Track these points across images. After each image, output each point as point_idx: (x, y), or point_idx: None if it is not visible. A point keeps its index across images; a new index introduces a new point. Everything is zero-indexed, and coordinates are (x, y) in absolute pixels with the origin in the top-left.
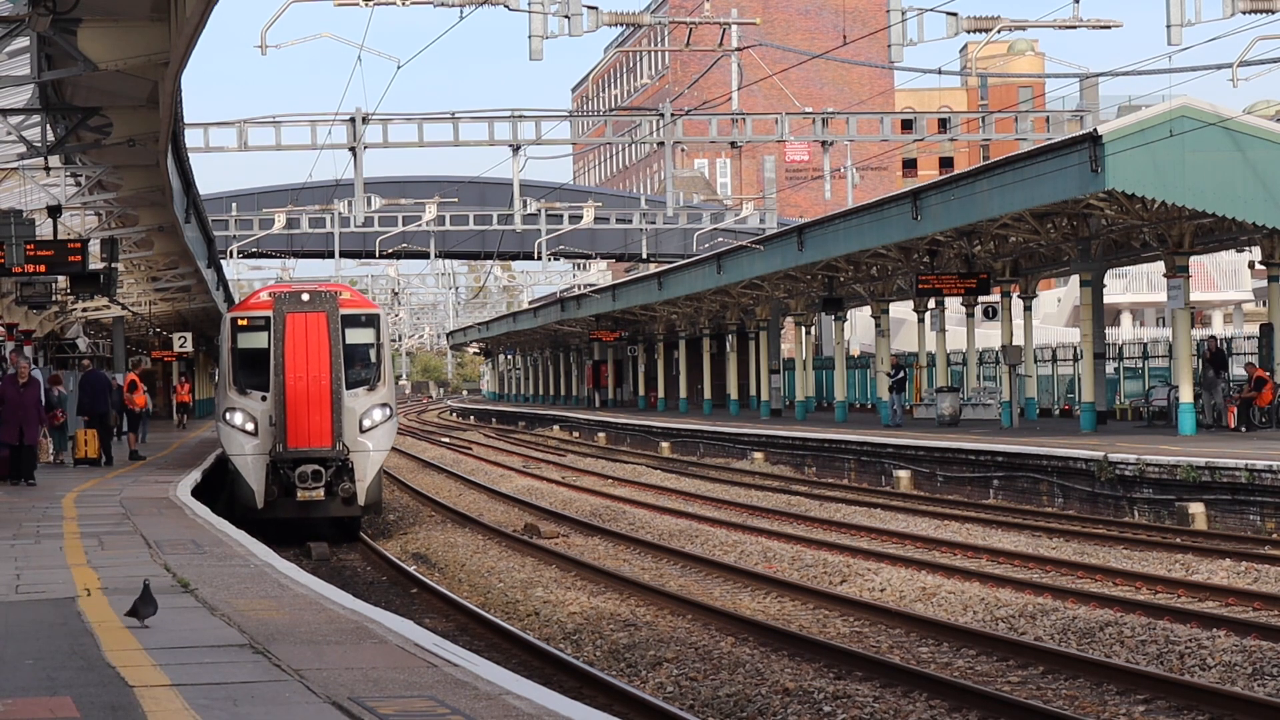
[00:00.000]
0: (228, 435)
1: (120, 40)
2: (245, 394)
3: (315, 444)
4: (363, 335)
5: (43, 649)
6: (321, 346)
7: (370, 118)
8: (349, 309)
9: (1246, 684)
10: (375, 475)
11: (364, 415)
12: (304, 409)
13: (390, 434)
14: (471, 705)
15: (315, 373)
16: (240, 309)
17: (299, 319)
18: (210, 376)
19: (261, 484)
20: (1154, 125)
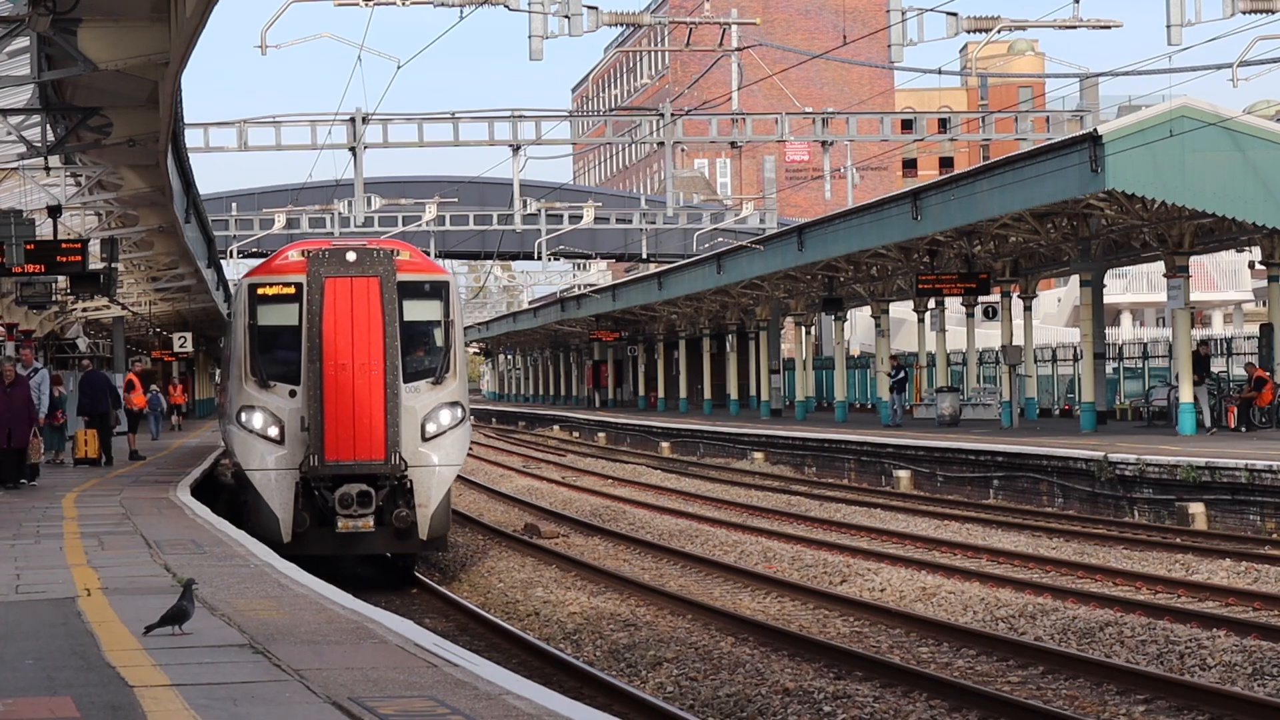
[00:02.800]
0: (243, 443)
1: (120, 40)
2: (268, 388)
3: (363, 456)
4: (427, 309)
5: (43, 649)
6: (373, 323)
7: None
8: (410, 273)
9: (1246, 684)
10: (442, 499)
11: (428, 418)
12: (348, 409)
13: (462, 444)
14: (471, 705)
15: (364, 359)
16: (262, 272)
17: (343, 286)
18: (210, 376)
19: (289, 510)
20: (1154, 125)
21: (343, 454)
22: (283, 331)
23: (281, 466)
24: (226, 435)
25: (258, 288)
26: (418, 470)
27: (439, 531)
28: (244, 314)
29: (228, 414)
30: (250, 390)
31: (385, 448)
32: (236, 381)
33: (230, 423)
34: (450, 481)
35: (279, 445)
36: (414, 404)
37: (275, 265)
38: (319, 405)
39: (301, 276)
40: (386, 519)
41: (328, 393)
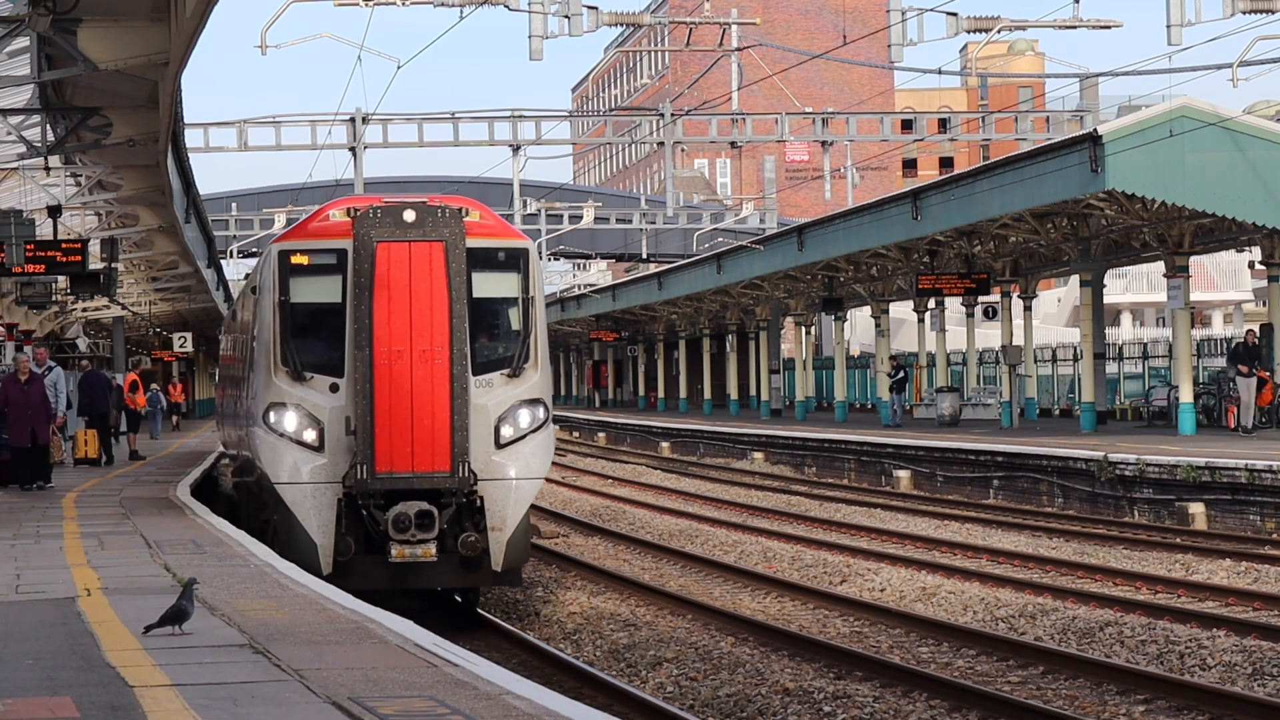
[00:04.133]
0: (271, 451)
1: (120, 40)
2: (303, 381)
3: (423, 467)
4: (502, 283)
5: (43, 649)
6: (435, 300)
7: (370, 118)
8: (482, 238)
9: (1246, 684)
10: (520, 522)
11: (503, 419)
12: (405, 407)
13: (545, 452)
14: (471, 705)
15: (425, 345)
16: (296, 235)
17: (398, 253)
18: (210, 376)
19: (329, 535)
20: (1154, 125)
21: (398, 464)
22: (322, 310)
23: (320, 479)
24: (248, 439)
25: (291, 255)
26: (490, 485)
27: (515, 561)
28: (273, 288)
29: (249, 413)
30: (281, 384)
31: (451, 456)
32: (263, 373)
33: (253, 424)
34: (530, 499)
35: (317, 453)
36: (485, 402)
37: (313, 227)
38: (368, 402)
39: (346, 241)
40: (450, 545)
41: (379, 387)
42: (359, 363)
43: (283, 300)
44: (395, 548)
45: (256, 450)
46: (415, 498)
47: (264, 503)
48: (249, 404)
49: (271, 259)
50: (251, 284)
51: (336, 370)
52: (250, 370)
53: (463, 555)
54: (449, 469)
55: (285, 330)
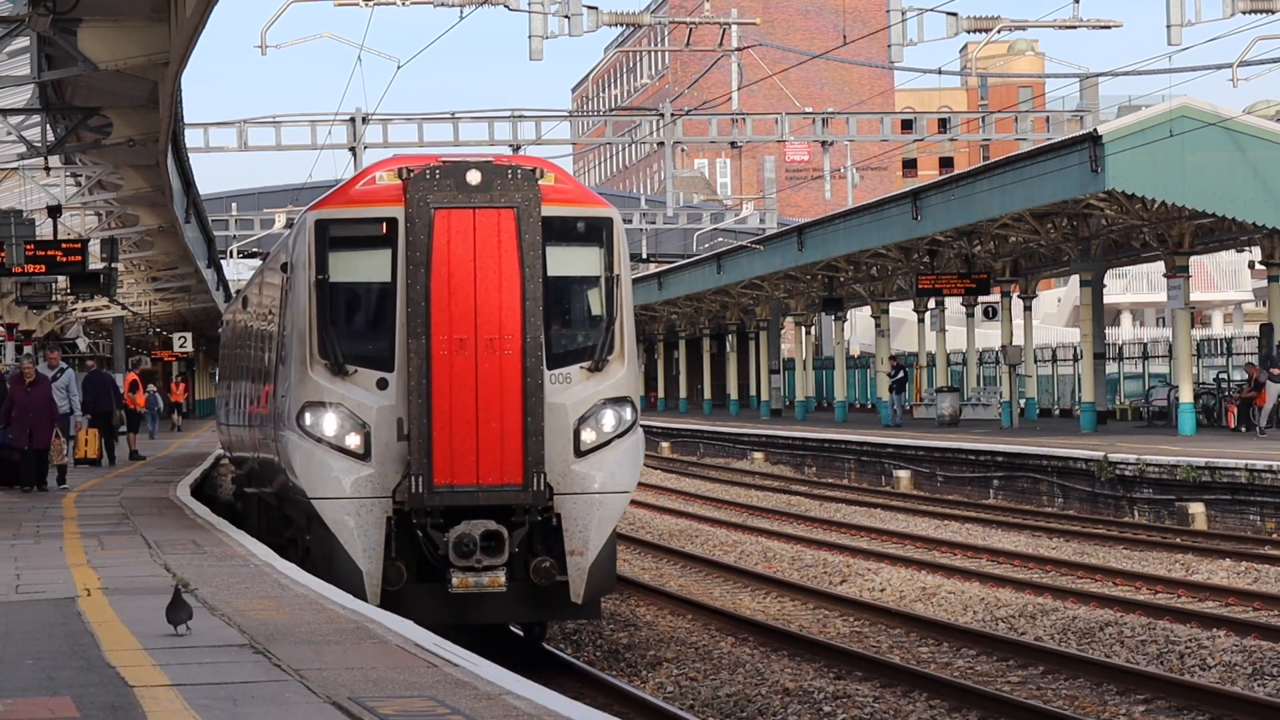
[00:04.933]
0: (304, 458)
1: (120, 40)
2: (345, 375)
3: (490, 479)
4: (582, 259)
5: (43, 649)
6: (505, 279)
7: (370, 118)
8: (559, 205)
9: (1246, 684)
10: (604, 545)
11: (584, 421)
12: (468, 407)
13: (634, 460)
14: (471, 705)
15: (492, 332)
16: (336, 201)
17: (461, 222)
18: (211, 377)
19: (376, 559)
20: (1154, 125)
21: (460, 475)
22: (368, 291)
23: (366, 494)
24: (276, 444)
25: (330, 225)
26: (569, 500)
27: (597, 592)
28: (308, 264)
29: (277, 414)
30: (318, 379)
31: (523, 466)
32: (297, 366)
33: (283, 427)
34: (616, 518)
35: (362, 462)
36: (563, 400)
37: (357, 192)
38: (424, 401)
39: (397, 209)
40: (519, 572)
41: (437, 382)
42: (413, 354)
43: (320, 279)
44: (457, 576)
45: (287, 458)
46: (481, 516)
47: (288, 519)
48: (276, 403)
49: (306, 230)
50: (278, 261)
51: (385, 363)
52: (278, 363)
53: (536, 584)
54: (521, 481)
55: (324, 315)
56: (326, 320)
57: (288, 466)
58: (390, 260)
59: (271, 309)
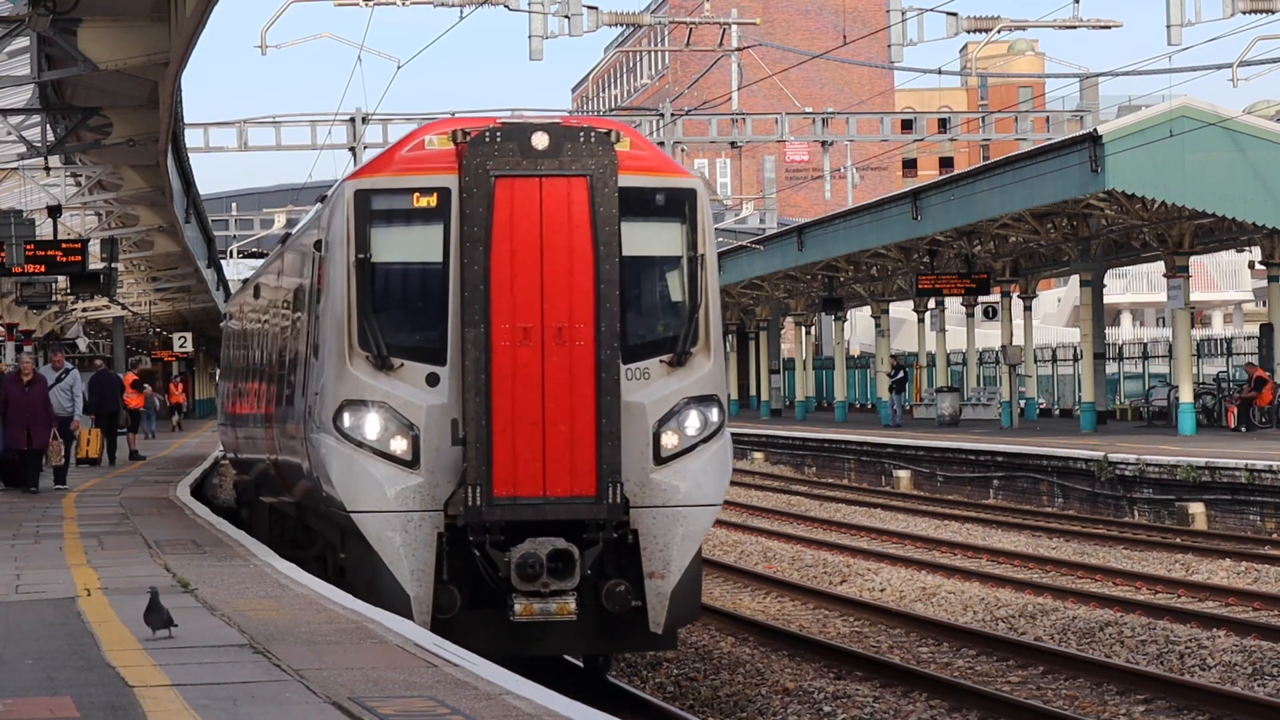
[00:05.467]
0: (342, 465)
1: (120, 40)
2: (388, 370)
3: (559, 490)
4: (662, 237)
5: (43, 649)
6: (578, 257)
7: (370, 118)
8: (637, 174)
9: (1246, 684)
10: (689, 566)
11: (664, 423)
12: (533, 407)
13: (722, 468)
14: (471, 705)
15: (561, 319)
16: (379, 169)
17: (525, 192)
18: (210, 377)
19: (426, 582)
20: (1154, 125)
21: (523, 486)
22: (416, 272)
23: (414, 506)
24: (307, 449)
25: (372, 195)
26: (648, 514)
27: (679, 620)
28: (347, 242)
29: (308, 415)
30: (358, 375)
31: (597, 475)
32: (333, 360)
33: (316, 429)
34: (702, 535)
35: (409, 470)
36: (641, 399)
37: (403, 158)
38: (483, 400)
39: (450, 178)
40: (589, 597)
41: (498, 378)
42: (469, 345)
43: (361, 259)
44: (520, 602)
45: (320, 464)
46: (548, 532)
47: (311, 532)
48: (306, 402)
49: (344, 202)
50: (306, 239)
51: (436, 355)
52: (308, 356)
53: (609, 611)
54: (594, 493)
55: (364, 301)
56: (368, 306)
57: (320, 474)
58: (442, 237)
59: (296, 295)
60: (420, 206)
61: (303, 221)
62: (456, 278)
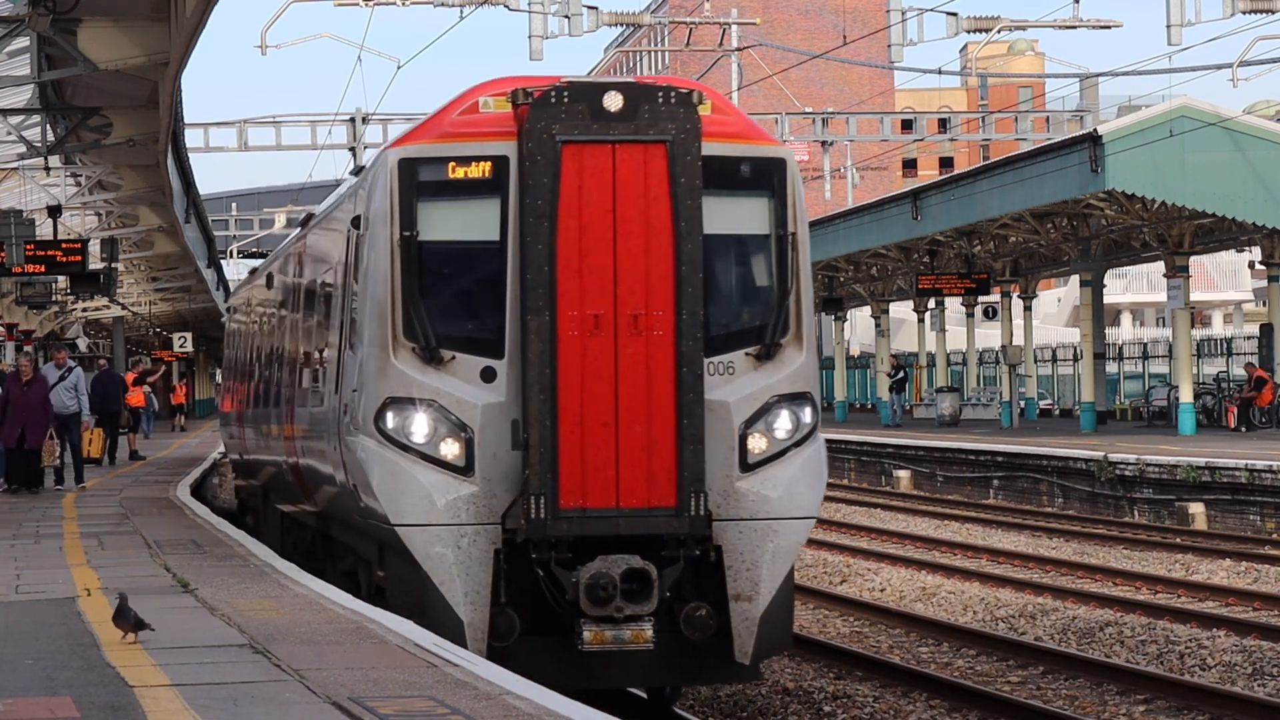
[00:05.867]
0: (385, 472)
1: (120, 40)
2: (438, 363)
3: (633, 501)
4: (748, 213)
5: (43, 649)
6: (656, 235)
7: (370, 118)
8: (720, 141)
9: (1246, 684)
10: (780, 586)
11: (751, 424)
12: (604, 405)
13: (817, 476)
14: (471, 705)
15: (637, 305)
16: (426, 135)
17: (598, 161)
18: (210, 377)
19: (482, 605)
20: (1154, 125)
21: (593, 496)
22: (469, 253)
23: (468, 519)
24: (344, 452)
25: (420, 165)
26: (733, 528)
27: (769, 649)
28: (390, 219)
29: (342, 414)
30: (404, 368)
31: (677, 484)
32: (375, 352)
33: (354, 430)
34: (795, 552)
35: (463, 477)
36: (725, 396)
37: (455, 122)
38: (548, 398)
39: (509, 144)
40: (664, 622)
41: (565, 373)
42: (532, 335)
43: (407, 237)
44: (590, 628)
45: (359, 470)
46: (621, 549)
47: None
48: (341, 400)
49: (388, 173)
50: (340, 216)
51: (492, 347)
52: (342, 349)
53: (688, 638)
54: (674, 504)
55: (411, 285)
56: (414, 291)
57: (357, 481)
58: (499, 212)
59: (325, 281)
60: (474, 178)
61: (333, 198)
62: (516, 258)
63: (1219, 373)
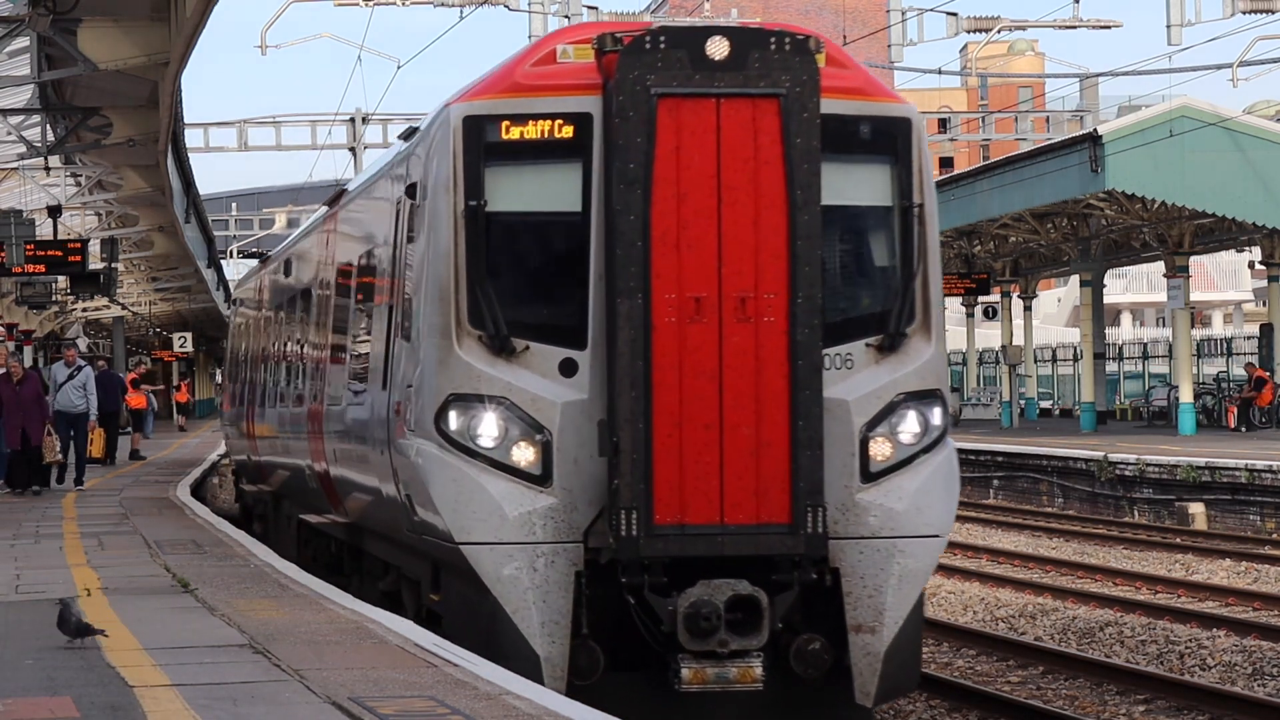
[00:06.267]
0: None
1: (120, 40)
2: (509, 355)
3: (740, 516)
4: (868, 182)
5: (43, 649)
6: (767, 205)
7: (370, 118)
8: (836, 98)
9: (1246, 684)
10: (909, 616)
11: (873, 427)
12: (708, 405)
13: (949, 487)
14: (471, 705)
15: (745, 287)
16: (495, 90)
17: (699, 118)
18: (210, 377)
19: (561, 636)
20: (1154, 125)
21: (693, 510)
22: (547, 226)
23: (544, 537)
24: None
25: (488, 123)
26: (853, 548)
27: (895, 688)
28: (451, 186)
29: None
30: (470, 360)
31: (792, 496)
32: (435, 341)
33: (407, 431)
34: (925, 577)
35: (540, 488)
36: (843, 394)
37: (529, 74)
38: (641, 394)
39: (593, 99)
40: (769, 657)
41: (660, 366)
42: (622, 321)
43: (473, 208)
44: (689, 665)
45: (416, 478)
46: (726, 572)
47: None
48: (392, 396)
49: (450, 133)
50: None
51: (574, 336)
52: (393, 338)
53: (800, 674)
54: (788, 519)
55: (478, 263)
56: (482, 270)
57: (412, 491)
58: (581, 178)
59: (365, 262)
60: (553, 138)
61: (373, 169)
62: (602, 232)
63: (1219, 373)
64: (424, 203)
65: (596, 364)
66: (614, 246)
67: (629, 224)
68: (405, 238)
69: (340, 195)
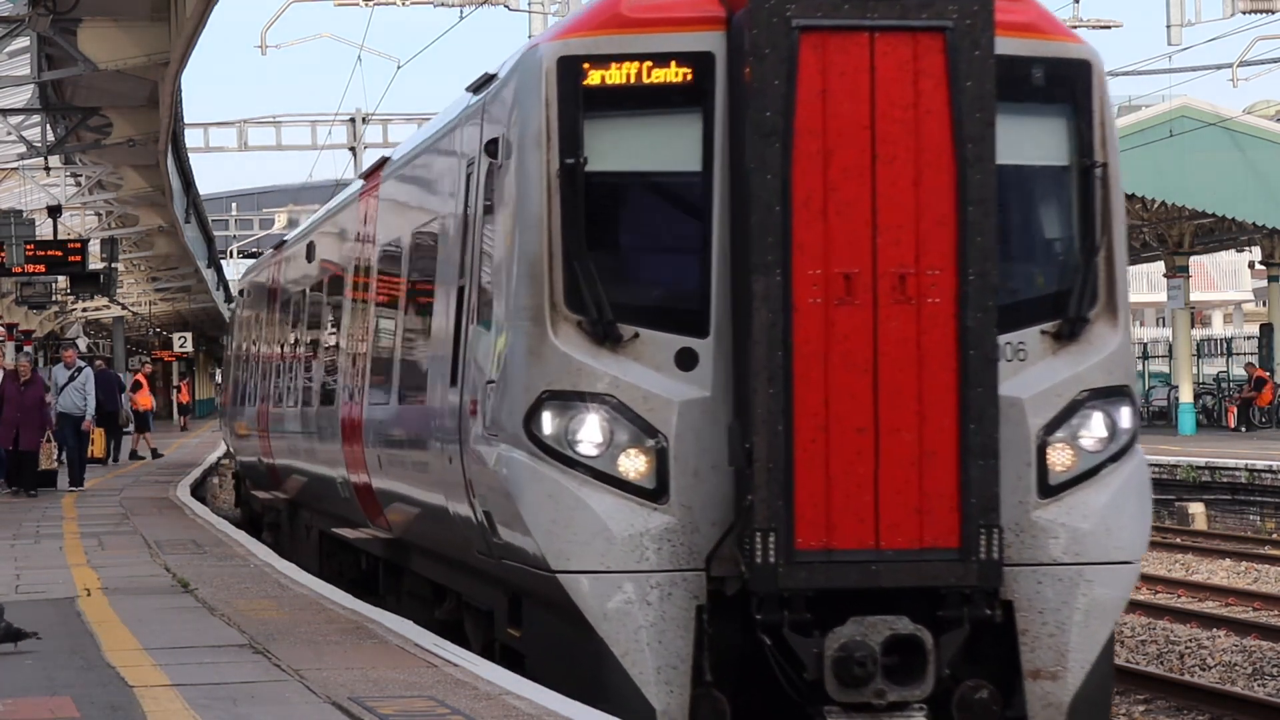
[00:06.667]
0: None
1: (120, 40)
2: (611, 345)
3: (899, 540)
4: (1041, 137)
5: (43, 649)
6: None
7: (370, 118)
8: (1008, 33)
9: (1246, 684)
10: (1098, 658)
11: (1052, 431)
12: (861, 405)
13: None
14: (471, 705)
15: (904, 263)
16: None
17: (848, 55)
18: (210, 377)
19: (680, 683)
20: (1154, 125)
21: (842, 533)
22: (660, 188)
23: (660, 564)
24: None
25: (588, 65)
26: (1030, 576)
27: None
28: (542, 140)
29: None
30: (568, 350)
31: (961, 515)
32: (524, 326)
33: (486, 436)
34: (1118, 610)
35: (653, 504)
36: (1016, 392)
37: (634, 7)
38: (780, 393)
39: (716, 35)
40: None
41: (802, 358)
42: (757, 303)
43: (571, 166)
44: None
45: (502, 493)
46: (882, 608)
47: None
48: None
49: (542, 79)
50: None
51: (692, 321)
52: (465, 324)
53: None
54: (957, 543)
55: (575, 233)
56: (581, 242)
57: (493, 507)
58: (702, 130)
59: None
60: (667, 82)
61: (429, 129)
62: (727, 195)
63: (1219, 373)
64: (509, 161)
65: (721, 355)
66: (745, 212)
67: (765, 184)
68: (481, 206)
69: (382, 164)
